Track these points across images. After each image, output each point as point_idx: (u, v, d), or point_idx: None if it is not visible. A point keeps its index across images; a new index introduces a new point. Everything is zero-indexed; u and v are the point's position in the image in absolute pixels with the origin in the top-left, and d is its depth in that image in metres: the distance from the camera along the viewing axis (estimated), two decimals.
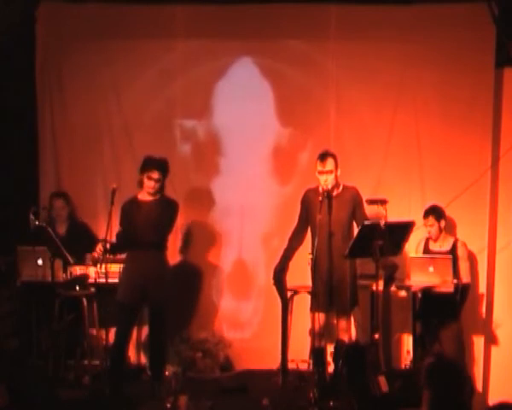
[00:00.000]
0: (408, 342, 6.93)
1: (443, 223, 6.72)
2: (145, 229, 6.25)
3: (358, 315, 6.66)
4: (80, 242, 6.89)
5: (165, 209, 6.35)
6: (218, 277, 7.45)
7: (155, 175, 6.28)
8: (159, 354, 6.50)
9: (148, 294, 6.30)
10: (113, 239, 6.30)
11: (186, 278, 7.39)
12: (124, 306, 6.31)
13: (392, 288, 6.37)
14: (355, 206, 6.25)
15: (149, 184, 6.29)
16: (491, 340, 7.01)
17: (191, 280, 7.42)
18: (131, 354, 7.10)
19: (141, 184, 6.38)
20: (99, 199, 7.36)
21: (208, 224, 7.47)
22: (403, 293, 6.88)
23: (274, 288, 6.60)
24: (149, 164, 6.30)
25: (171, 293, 6.50)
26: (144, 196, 6.39)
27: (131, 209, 6.35)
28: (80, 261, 6.85)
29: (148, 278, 6.26)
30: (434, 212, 6.72)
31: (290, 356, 6.70)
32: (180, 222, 7.35)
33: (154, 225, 6.27)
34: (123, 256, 6.55)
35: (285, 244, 6.48)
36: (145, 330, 6.96)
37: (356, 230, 6.20)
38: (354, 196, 6.27)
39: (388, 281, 6.41)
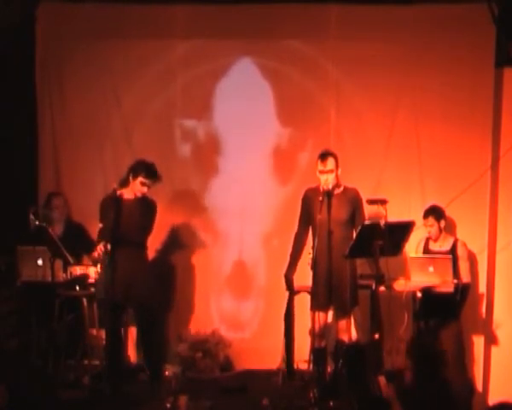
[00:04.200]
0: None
1: (443, 223, 6.72)
2: (127, 228, 6.25)
3: (358, 315, 6.66)
4: (76, 242, 6.87)
5: (147, 210, 6.39)
6: (218, 277, 7.45)
7: (150, 182, 6.34)
8: (152, 353, 6.51)
9: (133, 292, 6.29)
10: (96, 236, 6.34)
11: (186, 278, 7.39)
12: (108, 303, 6.24)
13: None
14: (355, 207, 6.26)
15: (142, 190, 6.35)
16: (491, 340, 7.01)
17: (191, 280, 7.42)
18: (131, 353, 7.10)
19: (125, 184, 6.38)
20: (99, 199, 7.33)
21: (208, 224, 7.47)
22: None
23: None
24: (146, 171, 6.33)
25: (156, 291, 6.50)
26: (125, 194, 6.39)
27: (112, 206, 6.30)
28: (77, 262, 6.84)
29: (132, 276, 6.25)
30: (434, 212, 6.72)
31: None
32: (180, 222, 7.38)
33: (136, 225, 6.29)
34: None
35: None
36: None
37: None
38: (355, 197, 6.28)
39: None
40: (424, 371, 4.56)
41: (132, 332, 6.94)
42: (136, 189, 6.36)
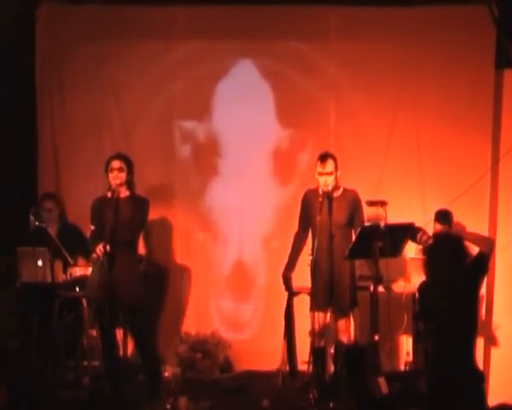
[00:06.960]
0: (408, 343, 6.93)
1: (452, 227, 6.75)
2: (118, 226, 6.05)
3: (358, 316, 6.66)
4: (71, 243, 6.80)
5: (137, 207, 6.20)
6: (217, 278, 7.46)
7: (116, 164, 6.15)
8: (147, 357, 6.44)
9: (122, 292, 6.05)
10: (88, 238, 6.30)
11: (186, 279, 7.40)
12: (98, 303, 6.19)
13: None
14: (354, 209, 6.24)
15: (113, 176, 6.14)
16: (490, 341, 7.00)
17: (191, 281, 7.42)
18: (131, 353, 7.09)
19: (109, 186, 6.21)
20: None
21: (208, 225, 7.48)
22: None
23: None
24: (108, 159, 6.22)
25: (146, 292, 6.40)
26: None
27: (102, 207, 6.19)
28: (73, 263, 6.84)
29: (121, 276, 6.05)
30: (449, 217, 6.71)
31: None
32: (180, 223, 7.38)
33: (126, 224, 6.10)
34: None
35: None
36: None
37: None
38: (354, 199, 6.26)
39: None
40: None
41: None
42: (112, 181, 6.13)
